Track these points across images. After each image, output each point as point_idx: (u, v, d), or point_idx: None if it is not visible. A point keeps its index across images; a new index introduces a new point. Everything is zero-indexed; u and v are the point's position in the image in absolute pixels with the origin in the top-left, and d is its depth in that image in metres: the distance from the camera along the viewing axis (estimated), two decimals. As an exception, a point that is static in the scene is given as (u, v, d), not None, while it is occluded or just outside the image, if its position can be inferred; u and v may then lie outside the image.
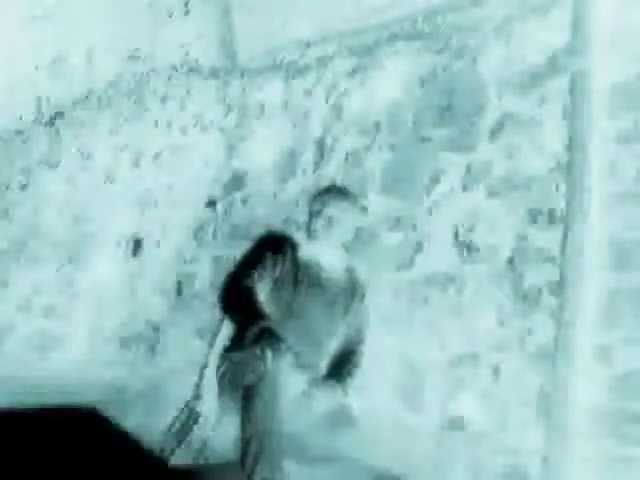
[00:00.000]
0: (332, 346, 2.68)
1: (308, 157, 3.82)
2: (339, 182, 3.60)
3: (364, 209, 2.81)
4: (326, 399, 2.62)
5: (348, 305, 2.73)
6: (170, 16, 4.78)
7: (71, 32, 5.35)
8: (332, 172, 3.66)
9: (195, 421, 2.69)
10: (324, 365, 2.66)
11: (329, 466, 2.87)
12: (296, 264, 2.60)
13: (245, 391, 2.37)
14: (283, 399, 2.34)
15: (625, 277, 2.63)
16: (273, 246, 2.63)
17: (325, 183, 3.68)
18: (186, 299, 4.29)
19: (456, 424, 2.97)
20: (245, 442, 2.32)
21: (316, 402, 2.57)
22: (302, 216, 3.68)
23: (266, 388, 2.31)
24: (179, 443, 2.69)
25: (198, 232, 4.38)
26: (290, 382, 2.41)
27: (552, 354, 2.73)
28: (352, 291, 2.76)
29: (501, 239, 2.97)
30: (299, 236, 2.74)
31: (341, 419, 3.15)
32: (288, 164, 3.92)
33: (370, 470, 2.93)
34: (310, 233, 2.71)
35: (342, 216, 2.67)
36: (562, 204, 2.80)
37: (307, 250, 2.66)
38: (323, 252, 2.67)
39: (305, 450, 2.52)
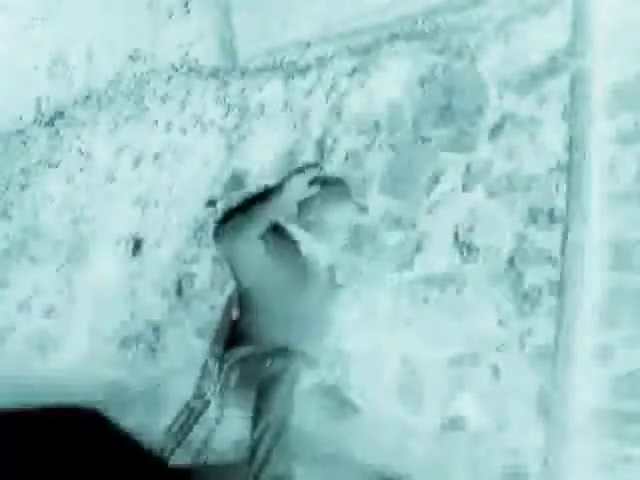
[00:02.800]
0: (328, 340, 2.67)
1: (308, 157, 3.82)
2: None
3: (360, 206, 2.68)
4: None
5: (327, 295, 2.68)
6: (170, 16, 4.78)
7: (71, 32, 5.35)
8: (332, 172, 3.66)
9: (195, 421, 2.69)
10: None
11: (329, 465, 2.87)
12: (301, 261, 2.53)
13: (262, 383, 2.35)
14: (297, 394, 2.33)
15: (625, 277, 2.63)
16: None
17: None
18: (186, 299, 4.29)
19: (456, 424, 2.97)
20: (259, 433, 2.29)
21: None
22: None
23: (288, 380, 2.30)
24: (179, 443, 2.69)
25: (198, 232, 4.38)
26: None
27: (552, 354, 2.74)
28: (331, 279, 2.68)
29: (501, 239, 2.97)
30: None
31: (342, 418, 3.15)
32: (288, 164, 3.92)
33: (370, 470, 2.93)
34: (306, 227, 2.54)
35: (336, 217, 2.51)
36: (562, 204, 2.80)
37: (306, 245, 2.55)
38: (317, 246, 2.56)
39: (305, 449, 2.52)
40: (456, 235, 3.11)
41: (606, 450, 2.60)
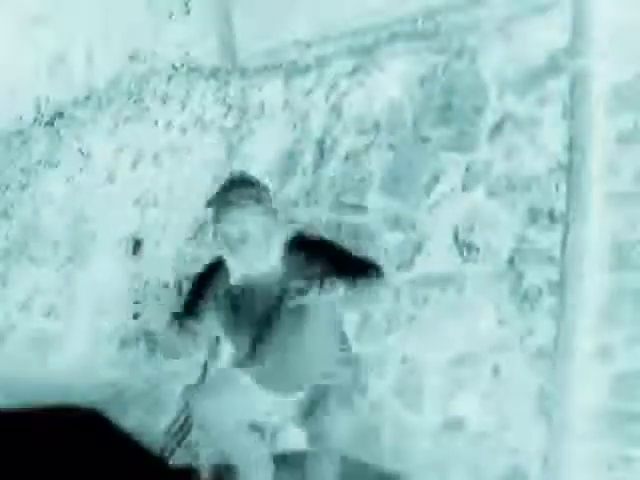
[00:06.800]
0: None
1: (308, 157, 3.82)
2: (339, 182, 3.60)
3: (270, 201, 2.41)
4: None
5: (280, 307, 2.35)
6: (170, 16, 4.79)
7: (71, 32, 5.36)
8: (332, 172, 3.66)
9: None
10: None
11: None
12: (229, 295, 2.46)
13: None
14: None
15: (625, 277, 2.63)
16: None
17: (325, 183, 3.68)
18: (186, 299, 4.28)
19: (456, 424, 2.97)
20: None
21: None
22: (302, 216, 3.69)
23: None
24: (179, 443, 2.69)
25: (198, 232, 4.38)
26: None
27: (552, 354, 2.74)
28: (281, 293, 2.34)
29: (501, 239, 2.97)
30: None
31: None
32: (288, 164, 3.92)
33: (370, 470, 2.93)
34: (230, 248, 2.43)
35: (251, 224, 2.36)
36: (562, 204, 2.80)
37: (236, 269, 2.43)
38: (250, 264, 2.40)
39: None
40: (456, 235, 3.11)
41: (606, 450, 2.60)
